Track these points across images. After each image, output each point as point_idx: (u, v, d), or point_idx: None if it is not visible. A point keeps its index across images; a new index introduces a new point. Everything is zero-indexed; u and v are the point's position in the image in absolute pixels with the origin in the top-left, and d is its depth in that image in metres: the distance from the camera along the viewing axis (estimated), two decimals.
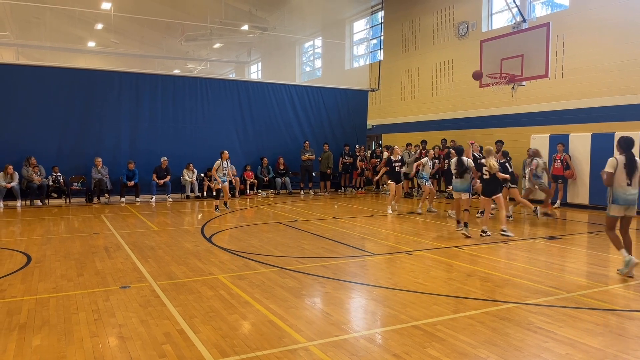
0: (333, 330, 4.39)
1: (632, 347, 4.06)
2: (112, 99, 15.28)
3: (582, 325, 4.53)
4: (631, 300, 5.33)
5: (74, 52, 22.16)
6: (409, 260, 7.20)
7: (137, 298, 5.29)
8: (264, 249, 7.91)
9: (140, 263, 6.91)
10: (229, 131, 17.04)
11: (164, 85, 16.07)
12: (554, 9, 15.06)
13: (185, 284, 5.87)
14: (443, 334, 4.29)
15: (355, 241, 8.71)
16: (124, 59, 23.16)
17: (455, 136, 17.20)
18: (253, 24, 23.36)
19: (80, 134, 14.82)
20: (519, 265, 6.89)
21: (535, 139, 14.32)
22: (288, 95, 18.22)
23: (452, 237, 9.08)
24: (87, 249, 7.91)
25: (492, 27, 16.57)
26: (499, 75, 12.05)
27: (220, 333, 4.30)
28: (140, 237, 8.95)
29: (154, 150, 15.53)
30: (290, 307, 5.03)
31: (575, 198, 13.53)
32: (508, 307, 5.06)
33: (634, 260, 6.14)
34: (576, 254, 7.86)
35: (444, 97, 18.45)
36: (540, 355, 3.88)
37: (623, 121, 12.65)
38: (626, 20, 12.60)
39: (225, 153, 12.65)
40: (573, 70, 13.89)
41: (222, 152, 12.64)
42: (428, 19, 19.01)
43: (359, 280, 6.12)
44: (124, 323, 4.54)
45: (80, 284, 5.87)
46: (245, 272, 6.44)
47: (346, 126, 19.29)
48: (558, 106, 14.25)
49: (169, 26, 21.93)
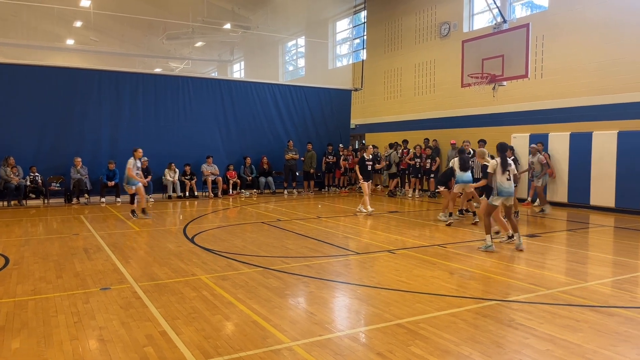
0: (317, 330, 4.39)
1: (611, 342, 4.13)
2: (92, 97, 15.04)
3: (561, 322, 4.60)
4: (609, 297, 5.43)
5: (52, 50, 21.79)
6: (392, 259, 7.23)
7: (118, 300, 5.22)
8: (248, 249, 7.88)
9: (121, 264, 6.82)
10: (211, 130, 16.93)
11: (145, 84, 15.88)
12: (534, 10, 15.29)
13: (167, 285, 5.81)
14: (426, 332, 4.32)
15: (339, 240, 8.72)
16: (104, 57, 22.84)
17: (437, 135, 17.35)
18: (236, 22, 23.24)
19: (59, 134, 14.56)
20: (500, 263, 6.97)
21: (516, 138, 14.52)
22: (271, 94, 18.16)
23: (434, 236, 9.15)
24: (66, 250, 7.78)
25: (474, 28, 16.74)
26: (480, 75, 12.18)
27: (203, 334, 4.27)
28: (121, 238, 8.84)
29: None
30: (274, 307, 5.01)
31: (555, 196, 13.75)
32: (490, 304, 5.12)
33: (493, 248, 7.72)
34: (556, 252, 7.99)
35: (426, 97, 18.59)
36: (521, 352, 3.94)
37: (600, 121, 12.90)
38: (604, 22, 12.84)
39: (138, 151, 11.31)
40: (552, 71, 14.11)
41: (135, 150, 11.28)
42: (410, 19, 19.13)
43: (343, 280, 6.13)
44: (104, 325, 4.47)
45: (59, 286, 5.77)
46: (228, 272, 6.40)
47: (330, 126, 19.32)
48: (538, 106, 14.46)
49: (150, 24, 21.69)
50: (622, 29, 12.45)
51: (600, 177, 12.67)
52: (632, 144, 12.00)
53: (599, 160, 12.68)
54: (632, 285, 5.94)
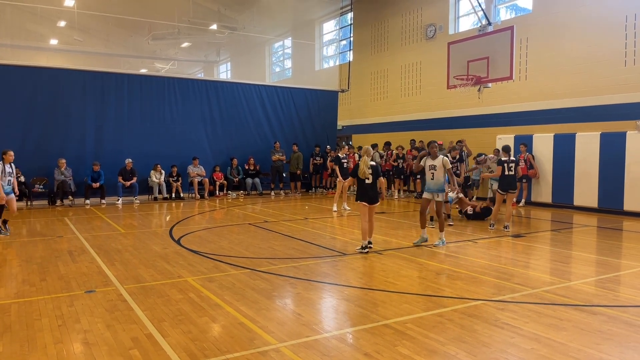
0: (304, 331, 4.38)
1: (594, 341, 4.19)
2: (76, 98, 14.86)
3: (546, 321, 4.66)
4: (593, 296, 5.51)
5: (35, 50, 21.47)
6: (380, 259, 7.26)
7: (103, 303, 5.16)
8: (234, 251, 7.84)
9: (106, 267, 6.74)
10: (197, 131, 16.83)
11: (130, 84, 15.74)
12: (518, 12, 15.46)
13: (153, 287, 5.76)
14: (413, 332, 4.34)
15: (327, 241, 8.73)
16: (88, 58, 22.57)
17: (423, 136, 17.44)
18: (222, 23, 23.14)
19: (42, 135, 14.36)
20: (486, 263, 7.03)
21: (501, 140, 14.66)
22: (258, 95, 18.12)
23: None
24: (50, 253, 7.67)
25: (459, 30, 16.88)
26: (466, 77, 12.29)
27: (189, 336, 4.24)
28: (106, 240, 8.74)
29: (120, 151, 15.19)
30: (261, 308, 5.00)
31: (539, 197, 13.92)
32: (476, 304, 5.16)
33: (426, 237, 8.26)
34: (540, 251, 8.09)
35: (412, 98, 18.69)
36: (506, 351, 3.98)
37: (583, 122, 13.09)
38: (587, 24, 13.04)
39: (8, 153, 9.16)
40: (536, 73, 14.28)
41: (5, 153, 9.13)
42: (397, 21, 19.23)
43: (330, 281, 6.14)
44: (89, 328, 4.42)
45: (43, 289, 5.69)
46: (215, 274, 6.37)
47: (316, 127, 19.34)
48: (522, 107, 14.63)
49: (135, 24, 21.49)
50: (604, 32, 12.65)
51: (583, 177, 12.86)
52: (614, 145, 12.20)
53: (582, 161, 12.87)
54: (614, 284, 6.03)
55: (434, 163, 8.09)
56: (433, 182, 8.10)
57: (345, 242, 8.72)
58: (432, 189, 8.14)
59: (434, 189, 8.11)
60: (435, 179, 8.06)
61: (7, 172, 9.04)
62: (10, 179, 9.13)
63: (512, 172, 9.87)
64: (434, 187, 8.10)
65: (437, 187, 8.08)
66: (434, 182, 8.09)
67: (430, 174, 8.13)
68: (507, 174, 9.85)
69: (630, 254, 7.89)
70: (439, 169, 8.02)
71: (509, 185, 9.88)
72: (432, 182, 8.12)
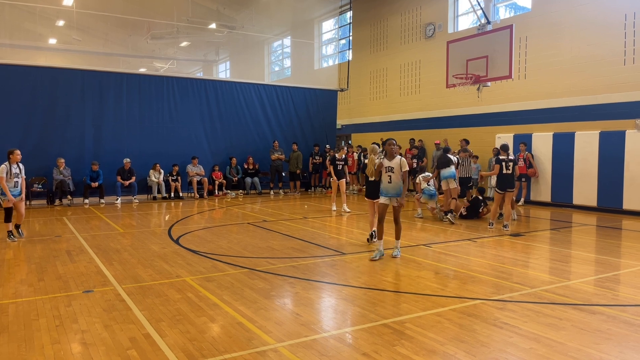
0: (303, 331, 4.37)
1: (593, 340, 4.18)
2: (75, 98, 14.85)
3: (545, 320, 4.65)
4: (592, 295, 5.50)
5: (34, 49, 21.41)
6: (378, 259, 7.23)
7: (101, 302, 5.15)
8: (233, 250, 7.83)
9: (105, 266, 6.73)
10: (196, 131, 16.82)
11: (129, 84, 15.72)
12: (517, 11, 15.45)
13: (151, 287, 5.74)
14: (412, 332, 4.33)
15: (325, 241, 8.71)
16: (87, 57, 22.48)
17: (423, 136, 17.45)
18: (221, 22, 23.08)
19: (41, 134, 14.35)
20: (485, 262, 7.02)
21: (500, 139, 14.65)
22: (257, 94, 18.10)
23: (420, 236, 9.19)
24: (48, 252, 7.66)
25: (458, 29, 16.87)
26: (465, 75, 12.27)
27: (187, 336, 4.23)
28: (104, 240, 8.72)
29: (119, 150, 15.19)
30: (259, 308, 4.99)
31: (538, 196, 13.91)
32: (475, 303, 5.15)
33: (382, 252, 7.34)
34: (539, 251, 8.08)
35: (411, 97, 18.68)
36: (505, 350, 3.96)
37: (582, 121, 13.08)
38: (586, 23, 13.02)
39: (15, 153, 8.60)
40: (535, 72, 14.27)
41: (11, 152, 8.60)
42: (396, 20, 19.21)
43: (329, 280, 6.12)
44: (87, 329, 4.41)
45: (41, 289, 5.67)
46: (213, 273, 6.36)
47: (316, 126, 19.32)
48: (521, 106, 14.62)
49: (134, 24, 21.43)
50: (603, 31, 12.64)
51: (582, 176, 12.85)
52: (613, 144, 12.19)
53: (581, 160, 12.86)
54: (614, 283, 6.02)
55: (391, 164, 7.22)
56: (391, 186, 7.22)
57: (345, 241, 8.70)
58: (389, 193, 7.25)
59: (391, 193, 7.22)
60: (393, 182, 7.20)
61: (14, 173, 8.47)
62: (18, 180, 8.54)
63: (509, 171, 9.87)
64: (392, 191, 7.21)
65: (395, 191, 7.20)
66: (391, 185, 7.21)
67: (387, 177, 7.25)
68: (505, 173, 9.85)
69: (629, 252, 7.88)
70: (397, 171, 7.17)
71: (507, 184, 9.87)
72: (389, 186, 7.24)
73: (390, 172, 7.20)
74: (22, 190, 8.77)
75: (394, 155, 7.27)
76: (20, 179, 8.61)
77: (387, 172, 7.26)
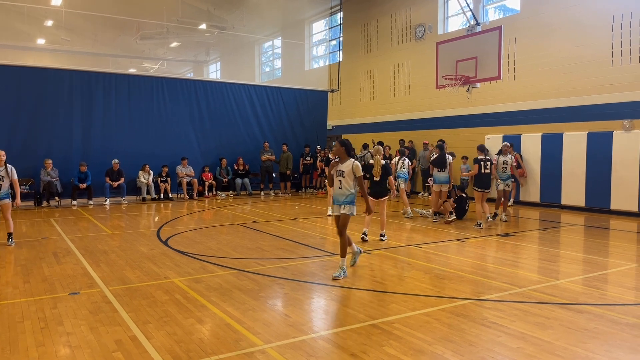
0: (291, 332, 4.35)
1: (580, 339, 4.20)
2: (63, 98, 14.70)
3: (533, 319, 4.66)
4: (579, 294, 5.54)
5: (22, 49, 21.22)
6: (368, 259, 7.24)
7: (87, 304, 5.09)
8: (222, 251, 7.79)
9: (92, 268, 6.66)
10: (186, 132, 16.73)
11: (118, 84, 15.60)
12: (506, 13, 15.55)
13: (139, 288, 5.69)
14: (400, 332, 4.33)
15: (316, 241, 8.70)
16: (75, 57, 22.31)
17: (412, 136, 17.49)
18: (211, 22, 22.99)
19: (29, 135, 14.19)
20: (474, 262, 7.04)
21: (490, 139, 14.73)
22: (247, 95, 18.05)
23: (410, 236, 9.21)
24: (34, 254, 7.57)
25: (448, 30, 16.94)
26: (454, 77, 12.32)
27: (174, 338, 4.19)
28: (92, 241, 8.64)
29: (108, 151, 15.05)
30: (247, 309, 4.96)
31: (527, 196, 14.00)
32: (463, 303, 5.16)
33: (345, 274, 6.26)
34: (528, 251, 8.12)
35: (401, 98, 18.72)
36: (493, 350, 3.97)
37: (571, 122, 13.18)
38: (574, 25, 13.13)
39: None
40: (524, 73, 14.37)
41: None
42: (386, 21, 19.26)
43: (318, 281, 6.11)
44: (72, 331, 4.35)
45: (26, 291, 5.60)
46: (202, 275, 6.31)
47: (306, 127, 19.31)
48: (510, 107, 14.71)
49: (123, 24, 21.28)
50: (591, 32, 12.75)
51: (570, 177, 12.95)
52: (601, 144, 12.29)
53: (569, 160, 12.96)
54: (601, 282, 6.07)
55: (342, 168, 6.27)
56: (340, 192, 6.27)
57: (335, 241, 8.68)
58: (339, 201, 6.30)
59: (341, 200, 6.27)
60: (343, 187, 6.25)
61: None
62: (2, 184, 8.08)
63: (488, 170, 10.23)
64: (342, 198, 6.27)
65: (344, 198, 6.26)
66: (341, 191, 6.26)
67: (338, 182, 6.31)
68: (484, 172, 10.24)
69: (616, 252, 7.95)
70: (348, 175, 6.24)
71: (486, 183, 10.24)
72: (339, 192, 6.28)
73: (341, 176, 6.28)
74: (17, 193, 8.38)
75: (346, 158, 6.30)
76: (4, 182, 8.15)
77: (338, 177, 6.33)
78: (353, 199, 6.27)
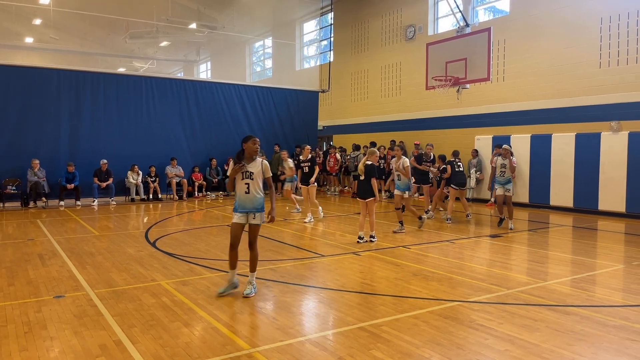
0: (278, 335, 4.32)
1: (567, 341, 4.21)
2: (50, 97, 14.55)
3: (520, 322, 4.67)
4: (567, 296, 5.55)
5: (10, 48, 20.93)
6: (357, 261, 7.22)
7: (71, 308, 5.02)
8: (211, 253, 7.73)
9: (78, 270, 6.58)
10: (176, 132, 16.63)
11: (107, 84, 15.47)
12: (496, 14, 15.61)
13: (125, 291, 5.63)
14: (388, 335, 4.31)
15: (305, 243, 8.67)
16: (64, 56, 22.10)
17: (403, 137, 17.51)
18: (202, 22, 22.89)
19: (15, 135, 14.02)
20: (462, 264, 7.05)
21: (480, 140, 14.79)
22: (238, 95, 17.98)
23: (399, 238, 9.20)
24: (19, 256, 7.47)
25: (438, 31, 16.98)
26: (444, 78, 12.35)
27: (160, 342, 4.14)
28: (79, 243, 8.54)
29: (96, 151, 14.91)
30: (235, 312, 4.92)
31: (516, 197, 14.02)
32: (452, 305, 5.16)
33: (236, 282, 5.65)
34: (517, 252, 8.14)
35: (392, 99, 18.75)
36: (480, 352, 3.97)
37: (559, 123, 13.27)
38: (563, 27, 13.22)
39: None
40: (513, 74, 14.44)
41: None
42: (377, 22, 19.27)
43: (307, 283, 6.08)
44: (56, 335, 4.29)
45: (10, 294, 5.52)
46: (189, 277, 6.26)
47: (297, 127, 19.26)
48: (500, 108, 14.78)
49: (112, 23, 21.10)
50: (579, 34, 12.84)
51: (559, 178, 13.03)
52: (589, 146, 12.38)
53: (558, 161, 13.04)
54: (588, 284, 6.10)
55: (250, 169, 5.48)
56: (247, 197, 5.42)
57: (324, 243, 8.67)
58: (247, 208, 5.44)
59: (249, 206, 5.43)
60: (251, 192, 5.43)
61: None
62: None
63: (461, 169, 11.18)
64: (250, 204, 5.43)
65: (253, 205, 5.43)
66: (248, 196, 5.42)
67: (245, 185, 5.45)
68: (457, 171, 11.13)
69: (604, 253, 8.00)
70: (257, 176, 5.51)
71: (462, 181, 11.15)
72: (245, 197, 5.43)
73: (249, 178, 5.45)
74: None
75: (253, 158, 5.58)
76: None
77: (245, 179, 5.46)
78: (263, 205, 5.54)
